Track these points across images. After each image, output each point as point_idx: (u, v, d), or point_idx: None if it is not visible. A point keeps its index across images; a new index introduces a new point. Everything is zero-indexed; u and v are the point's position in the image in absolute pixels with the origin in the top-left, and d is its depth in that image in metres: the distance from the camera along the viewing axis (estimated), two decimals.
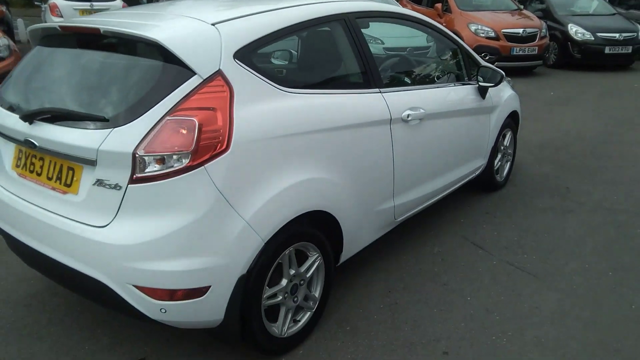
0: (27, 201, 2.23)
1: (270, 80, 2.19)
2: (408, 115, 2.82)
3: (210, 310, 2.04)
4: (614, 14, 11.58)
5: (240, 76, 2.07)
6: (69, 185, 2.09)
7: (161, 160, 1.88)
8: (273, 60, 2.44)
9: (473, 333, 2.53)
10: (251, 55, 2.15)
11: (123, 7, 11.98)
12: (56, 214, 2.11)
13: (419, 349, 2.42)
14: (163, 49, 1.97)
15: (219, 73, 2.01)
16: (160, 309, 1.98)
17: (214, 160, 1.92)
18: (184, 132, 1.89)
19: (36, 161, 2.22)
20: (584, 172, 4.78)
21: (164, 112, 1.90)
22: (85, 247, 2.02)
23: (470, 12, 10.18)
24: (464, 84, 3.53)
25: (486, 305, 2.75)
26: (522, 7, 11.05)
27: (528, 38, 9.73)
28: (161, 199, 1.91)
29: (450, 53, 3.58)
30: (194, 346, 2.44)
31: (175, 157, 1.89)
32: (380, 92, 2.71)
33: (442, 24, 9.93)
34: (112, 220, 1.96)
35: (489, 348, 2.42)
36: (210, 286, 1.99)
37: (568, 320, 2.63)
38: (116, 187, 1.93)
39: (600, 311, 2.70)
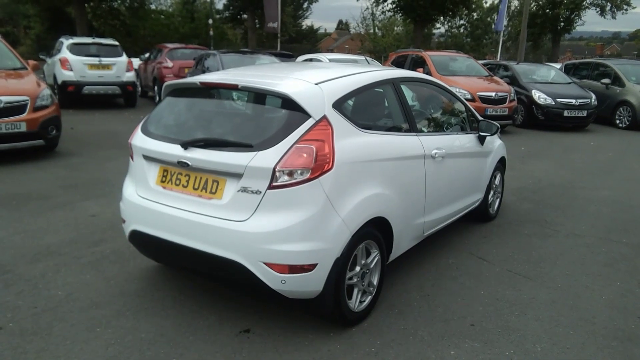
0: (173, 207, 3.04)
1: (352, 122, 3.12)
2: (435, 153, 3.79)
3: (315, 282, 2.86)
4: (569, 83, 13.22)
5: (336, 119, 3.00)
6: (214, 193, 2.92)
7: (290, 174, 2.75)
8: (352, 109, 3.37)
9: (490, 313, 3.40)
10: (341, 105, 3.09)
11: (128, 63, 12.93)
12: (201, 214, 2.93)
13: (452, 322, 3.27)
14: (290, 100, 2.89)
15: (324, 117, 2.93)
16: (281, 280, 2.80)
17: (324, 175, 2.81)
18: (305, 155, 2.78)
19: (182, 177, 3.05)
20: (556, 209, 5.82)
21: (293, 142, 2.79)
22: (227, 236, 2.83)
23: (448, 76, 11.54)
24: (467, 133, 4.55)
25: (496, 297, 3.63)
26: (492, 74, 12.54)
27: (499, 101, 11.10)
28: (288, 200, 2.77)
29: (459, 110, 4.61)
30: (285, 320, 3.22)
31: (299, 172, 2.76)
32: (417, 135, 3.68)
33: None
34: (251, 215, 2.80)
35: (503, 322, 3.29)
36: (317, 263, 2.82)
37: (557, 305, 3.53)
38: (257, 192, 2.78)
39: (579, 300, 3.62)
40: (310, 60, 13.38)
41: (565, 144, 10.63)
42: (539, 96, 12.18)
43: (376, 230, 3.24)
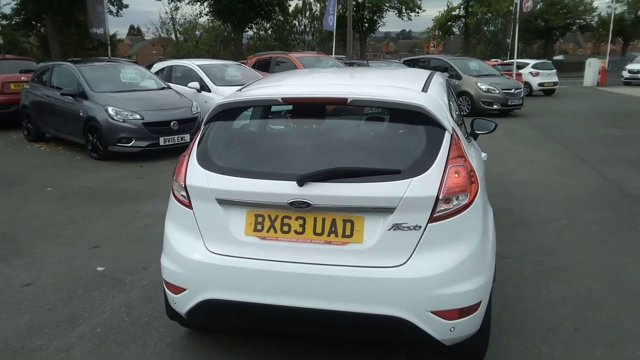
0: (284, 261, 2.33)
1: (461, 132, 2.75)
2: (485, 156, 3.59)
3: (477, 322, 2.43)
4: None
5: (457, 130, 2.60)
6: (349, 236, 2.30)
7: (447, 201, 2.29)
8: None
9: (577, 314, 3.33)
10: (450, 113, 2.69)
11: None
12: (335, 265, 2.29)
13: (556, 330, 3.13)
14: (421, 113, 2.40)
15: (453, 129, 2.52)
16: (450, 329, 2.32)
17: (477, 196, 2.41)
18: (459, 176, 2.34)
19: (292, 222, 2.34)
20: (501, 196, 6.11)
21: (445, 161, 2.33)
22: (379, 288, 2.26)
23: None
24: None
25: (561, 295, 3.60)
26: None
27: None
28: (451, 232, 2.31)
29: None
30: None
31: (455, 197, 2.31)
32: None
33: None
34: (410, 257, 2.27)
35: (598, 320, 3.26)
36: (481, 300, 2.41)
37: (627, 295, 3.64)
38: (415, 228, 2.26)
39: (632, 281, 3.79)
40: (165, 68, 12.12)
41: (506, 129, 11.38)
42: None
43: None
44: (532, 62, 21.83)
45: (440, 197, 2.26)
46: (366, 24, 36.64)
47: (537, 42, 52.61)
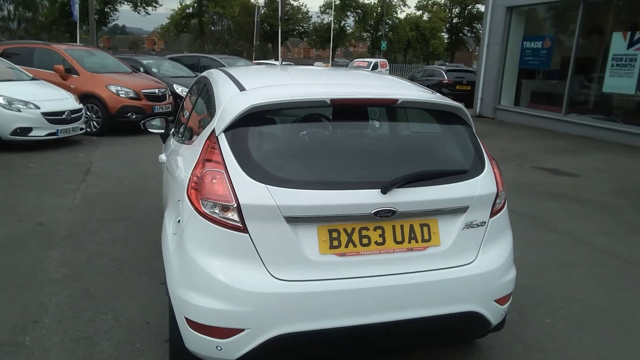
0: (366, 277, 2.17)
1: None
2: None
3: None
4: (195, 76, 13.89)
5: None
6: (427, 240, 2.26)
7: (499, 196, 2.46)
8: None
9: None
10: None
11: None
12: (417, 272, 2.24)
13: None
14: (455, 113, 2.51)
15: None
16: (502, 313, 2.52)
17: None
18: (497, 172, 2.52)
19: (371, 233, 2.18)
20: None
21: (490, 159, 2.49)
22: (458, 286, 2.31)
23: (102, 74, 10.21)
24: None
25: None
26: (135, 69, 11.79)
27: (162, 97, 10.69)
28: (501, 224, 2.49)
29: None
30: None
31: (502, 191, 2.49)
32: None
33: (70, 86, 9.74)
34: (478, 252, 2.37)
35: None
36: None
37: None
38: (481, 224, 2.37)
39: None
40: None
41: None
42: (181, 90, 12.31)
43: None
44: (277, 62, 23.53)
45: (498, 193, 2.41)
46: (97, 16, 33.52)
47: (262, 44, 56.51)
